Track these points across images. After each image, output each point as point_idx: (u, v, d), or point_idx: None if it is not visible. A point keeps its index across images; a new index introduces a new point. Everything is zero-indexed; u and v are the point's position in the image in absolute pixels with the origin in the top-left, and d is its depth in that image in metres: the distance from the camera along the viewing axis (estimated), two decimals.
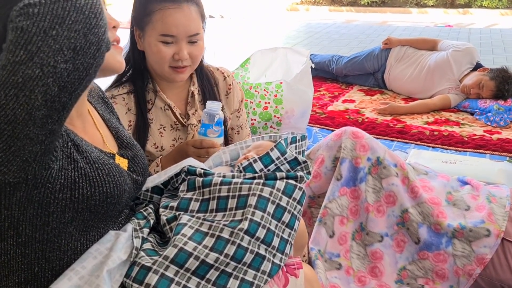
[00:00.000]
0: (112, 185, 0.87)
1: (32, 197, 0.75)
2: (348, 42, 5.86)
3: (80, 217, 0.82)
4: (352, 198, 1.61)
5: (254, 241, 0.94)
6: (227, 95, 1.56)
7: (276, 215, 1.01)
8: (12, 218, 0.76)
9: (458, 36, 6.08)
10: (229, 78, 1.56)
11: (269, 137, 1.30)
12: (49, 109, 0.67)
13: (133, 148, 1.07)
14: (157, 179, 1.14)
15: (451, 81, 3.25)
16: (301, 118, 2.38)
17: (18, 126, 0.65)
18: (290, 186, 1.05)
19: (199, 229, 0.95)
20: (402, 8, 9.14)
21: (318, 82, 3.78)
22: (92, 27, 0.68)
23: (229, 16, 8.36)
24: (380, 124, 2.90)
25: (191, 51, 1.35)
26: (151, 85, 1.45)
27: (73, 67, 0.67)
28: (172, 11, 1.31)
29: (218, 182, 1.05)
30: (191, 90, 1.47)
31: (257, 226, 0.95)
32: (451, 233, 1.50)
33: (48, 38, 0.64)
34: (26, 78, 0.64)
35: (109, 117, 1.08)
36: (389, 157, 1.63)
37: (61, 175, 0.78)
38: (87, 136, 0.94)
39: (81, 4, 0.67)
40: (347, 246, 1.57)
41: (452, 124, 2.90)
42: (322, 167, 1.66)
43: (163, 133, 1.44)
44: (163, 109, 1.44)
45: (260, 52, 2.62)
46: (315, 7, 9.71)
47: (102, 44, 0.70)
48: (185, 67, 1.37)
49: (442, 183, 1.68)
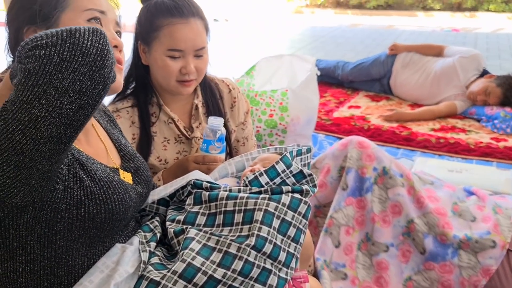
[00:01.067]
0: (118, 202, 0.88)
1: (39, 218, 0.77)
2: (354, 46, 5.86)
3: (86, 234, 0.83)
4: (358, 208, 1.61)
5: (261, 256, 0.95)
6: (232, 108, 1.56)
7: (282, 230, 1.02)
8: (20, 238, 0.77)
9: (464, 40, 6.07)
10: (234, 90, 1.56)
11: (275, 149, 1.30)
12: (55, 144, 0.69)
13: (136, 160, 1.08)
14: (163, 191, 1.15)
15: (458, 87, 3.24)
16: (307, 126, 2.38)
17: (25, 158, 0.67)
18: (295, 200, 1.05)
19: (207, 244, 0.95)
20: (408, 12, 9.12)
21: (323, 87, 3.78)
22: (98, 69, 0.69)
23: (234, 19, 8.38)
24: (386, 131, 2.90)
25: (197, 64, 1.36)
26: (155, 99, 1.45)
27: (78, 107, 0.68)
28: (180, 26, 1.31)
29: (224, 196, 1.06)
30: (195, 103, 1.48)
31: (264, 241, 0.96)
32: (457, 244, 1.50)
33: (54, 81, 0.65)
34: (33, 117, 0.65)
35: (111, 130, 1.09)
36: (395, 167, 1.63)
37: (67, 194, 0.79)
38: (91, 149, 0.95)
39: (87, 47, 0.68)
40: (352, 256, 1.58)
41: (458, 131, 2.90)
42: (328, 176, 1.66)
43: (167, 146, 1.45)
44: (166, 123, 1.45)
45: (265, 59, 2.63)
46: (320, 10, 9.71)
47: (108, 83, 0.71)
48: (192, 81, 1.37)
49: (448, 194, 1.68)
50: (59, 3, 0.88)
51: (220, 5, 9.20)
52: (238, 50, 5.68)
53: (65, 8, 0.89)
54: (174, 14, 1.32)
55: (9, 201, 0.71)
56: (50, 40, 0.66)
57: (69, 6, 0.89)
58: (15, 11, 0.91)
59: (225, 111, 1.54)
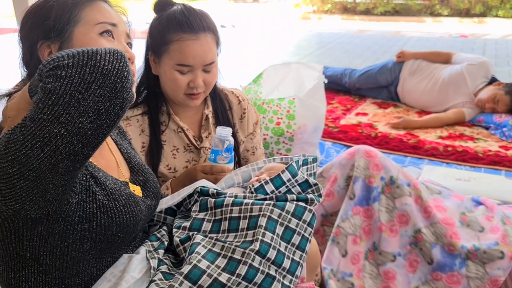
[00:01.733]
0: (129, 216, 0.89)
1: (53, 230, 0.78)
2: (361, 52, 5.85)
3: (97, 246, 0.85)
4: (365, 218, 1.61)
5: (265, 261, 0.95)
6: (242, 119, 1.57)
7: (285, 237, 1.03)
8: (33, 249, 0.79)
9: (473, 46, 6.04)
10: (244, 102, 1.57)
11: (281, 159, 1.31)
12: (72, 161, 0.70)
13: (145, 172, 1.09)
14: (171, 200, 1.16)
15: (466, 95, 3.23)
16: (314, 134, 2.39)
17: (42, 173, 0.68)
18: (300, 208, 1.06)
19: (212, 249, 0.97)
20: (416, 18, 9.11)
21: (330, 94, 3.78)
22: (117, 91, 0.70)
23: (241, 25, 8.41)
24: (393, 139, 2.90)
25: (206, 78, 1.37)
26: (165, 108, 1.46)
27: (97, 126, 0.69)
28: (190, 42, 1.32)
29: (229, 203, 1.07)
30: (205, 113, 1.49)
31: (267, 247, 0.96)
32: (465, 254, 1.49)
33: (74, 101, 0.67)
34: (52, 135, 0.67)
35: (121, 142, 1.11)
36: (403, 177, 1.63)
37: (80, 207, 0.80)
38: (103, 161, 0.97)
39: (107, 69, 0.69)
40: (360, 266, 1.57)
41: (466, 139, 2.88)
42: (335, 185, 1.66)
43: (176, 155, 1.46)
44: (176, 131, 1.46)
45: (273, 67, 2.64)
46: (328, 16, 9.72)
47: (126, 103, 0.73)
48: (199, 94, 1.38)
49: (456, 203, 1.67)
50: (71, 18, 0.90)
51: (227, 11, 9.25)
52: (245, 57, 5.70)
53: (77, 22, 0.90)
54: (185, 29, 1.32)
55: (24, 213, 0.73)
56: (71, 61, 0.67)
57: (81, 20, 0.91)
58: (28, 27, 0.92)
59: (234, 122, 1.55)
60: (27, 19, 0.93)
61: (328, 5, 9.83)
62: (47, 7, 0.91)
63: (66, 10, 0.90)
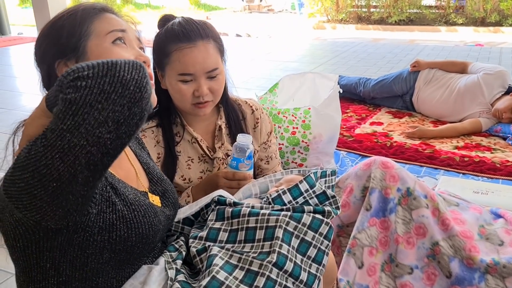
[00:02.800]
0: (148, 226, 0.90)
1: (73, 240, 0.79)
2: (376, 61, 5.84)
3: (117, 257, 0.85)
4: (381, 229, 1.59)
5: (282, 274, 0.95)
6: (255, 128, 1.58)
7: (301, 249, 1.02)
8: (53, 260, 0.80)
9: (489, 55, 5.99)
10: (257, 111, 1.58)
11: (298, 171, 1.31)
12: (92, 172, 0.71)
13: (163, 183, 1.10)
14: (188, 210, 1.17)
15: (482, 104, 3.20)
16: (329, 143, 2.38)
17: (62, 184, 0.69)
18: (316, 221, 1.06)
19: (229, 261, 0.97)
20: (431, 27, 9.06)
21: (345, 104, 3.77)
22: (136, 101, 0.71)
23: (256, 35, 8.45)
24: (408, 148, 2.87)
25: (211, 86, 1.36)
26: (178, 119, 1.47)
27: (116, 136, 0.70)
28: (187, 50, 1.32)
29: (246, 213, 1.07)
30: (218, 124, 1.49)
31: (284, 259, 0.96)
32: (484, 268, 1.47)
33: (93, 111, 0.68)
34: (72, 145, 0.68)
35: (140, 152, 1.12)
36: (419, 188, 1.61)
37: (100, 218, 0.81)
38: (123, 171, 0.98)
39: (127, 79, 0.70)
40: (376, 278, 1.56)
41: (483, 149, 2.85)
42: (351, 196, 1.66)
43: (191, 165, 1.47)
44: (190, 142, 1.47)
45: (288, 77, 2.65)
46: (342, 25, 9.72)
47: (145, 113, 0.74)
48: (207, 102, 1.38)
49: (474, 216, 1.65)
50: (82, 33, 0.92)
51: (242, 21, 9.31)
52: (260, 66, 5.72)
53: (89, 35, 0.92)
54: (182, 39, 1.33)
55: (44, 224, 0.74)
56: (91, 72, 0.69)
57: (92, 33, 0.92)
58: (43, 49, 0.94)
59: (248, 131, 1.55)
60: (41, 43, 0.95)
61: (342, 15, 9.84)
62: (57, 27, 0.93)
63: (76, 26, 0.92)
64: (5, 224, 0.81)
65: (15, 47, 7.48)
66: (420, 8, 9.39)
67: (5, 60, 6.60)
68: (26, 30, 9.14)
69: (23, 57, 6.80)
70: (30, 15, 9.89)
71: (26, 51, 7.14)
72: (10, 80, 5.23)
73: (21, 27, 9.75)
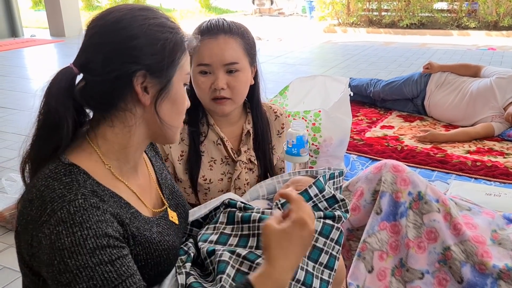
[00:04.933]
0: (167, 264, 0.95)
1: None
2: (387, 65, 5.80)
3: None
4: (392, 233, 1.58)
5: (295, 283, 0.95)
6: (279, 134, 1.55)
7: (313, 256, 1.02)
8: None
9: (502, 60, 5.92)
10: (281, 116, 1.55)
11: (306, 172, 1.30)
12: None
13: (175, 195, 1.10)
14: (197, 212, 1.17)
15: (495, 109, 3.16)
16: (339, 147, 2.37)
17: None
18: (327, 226, 1.05)
19: (240, 269, 0.96)
20: (443, 30, 8.99)
21: (355, 107, 3.75)
22: None
23: (267, 38, 8.45)
24: (420, 152, 2.85)
25: (229, 81, 1.34)
26: (205, 118, 1.45)
27: None
28: (206, 41, 1.32)
29: (256, 218, 1.06)
30: (246, 128, 1.47)
31: (296, 268, 0.95)
32: (497, 274, 1.45)
33: None
34: None
35: (154, 160, 1.11)
36: (431, 192, 1.60)
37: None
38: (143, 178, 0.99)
39: None
40: (386, 282, 1.54)
41: (496, 154, 2.82)
42: (361, 200, 1.64)
43: (213, 166, 1.45)
44: (215, 143, 1.45)
45: (299, 79, 2.64)
46: (353, 28, 9.68)
47: None
48: (225, 99, 1.35)
49: (486, 221, 1.63)
50: (175, 61, 0.89)
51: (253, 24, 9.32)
52: (271, 69, 5.72)
53: (176, 67, 0.90)
54: (204, 32, 1.34)
55: None
56: None
57: (181, 66, 0.91)
58: (111, 57, 0.84)
59: (271, 138, 1.52)
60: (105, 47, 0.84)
61: (353, 18, 9.80)
62: (132, 35, 0.84)
63: (164, 46, 0.86)
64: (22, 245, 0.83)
65: (28, 49, 7.57)
66: (432, 11, 9.31)
67: (18, 62, 6.68)
68: (38, 32, 9.25)
69: (36, 59, 6.88)
70: (43, 17, 10.00)
71: (38, 53, 7.22)
72: (23, 81, 5.29)
73: (34, 29, 9.85)
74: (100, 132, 0.88)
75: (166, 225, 0.99)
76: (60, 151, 0.84)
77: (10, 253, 1.99)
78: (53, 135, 0.84)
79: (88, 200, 0.78)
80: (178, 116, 0.94)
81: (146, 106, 0.88)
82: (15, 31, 8.78)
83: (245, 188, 1.44)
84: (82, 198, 0.78)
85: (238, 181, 1.44)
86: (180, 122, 0.95)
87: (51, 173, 0.81)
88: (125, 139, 0.89)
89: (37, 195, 0.79)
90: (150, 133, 0.92)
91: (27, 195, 0.82)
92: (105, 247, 0.77)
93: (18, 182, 2.40)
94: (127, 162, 0.92)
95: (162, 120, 0.89)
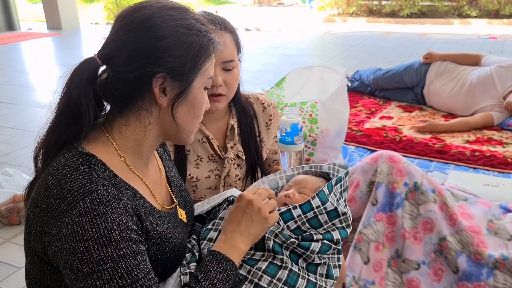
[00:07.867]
0: (175, 261, 0.94)
1: None
2: (387, 55, 5.77)
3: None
4: (388, 224, 1.57)
5: None
6: (268, 126, 1.53)
7: (311, 269, 1.02)
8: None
9: (503, 48, 5.88)
10: (269, 107, 1.53)
11: (310, 167, 1.26)
12: None
13: (183, 193, 1.10)
14: (200, 207, 1.16)
15: (494, 98, 3.14)
16: (337, 138, 2.36)
17: None
18: (325, 247, 1.04)
19: (239, 272, 0.96)
20: (443, 20, 8.92)
21: (354, 98, 3.74)
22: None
23: (265, 29, 8.40)
24: (418, 143, 2.84)
25: (226, 78, 1.34)
26: None
27: None
28: None
29: None
30: (230, 124, 1.46)
31: (296, 276, 0.96)
32: (492, 264, 1.44)
33: None
34: None
35: (164, 157, 1.11)
36: (427, 183, 1.59)
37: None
38: (155, 173, 0.99)
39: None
40: (382, 273, 1.54)
41: (495, 144, 2.80)
42: (357, 191, 1.64)
43: (199, 165, 1.44)
44: (200, 142, 1.44)
45: (296, 70, 2.62)
46: (353, 18, 9.62)
47: None
48: (220, 96, 1.35)
49: (483, 211, 1.62)
50: (198, 65, 0.88)
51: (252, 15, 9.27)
52: (269, 60, 5.70)
53: (198, 72, 0.89)
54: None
55: None
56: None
57: (203, 72, 0.90)
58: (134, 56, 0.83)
59: (260, 130, 1.51)
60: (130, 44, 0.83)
61: (353, 8, 9.73)
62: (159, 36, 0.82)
63: (188, 50, 0.85)
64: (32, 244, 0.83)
65: (25, 42, 7.55)
66: (432, 0, 9.24)
67: (15, 56, 6.66)
68: (35, 26, 9.21)
69: (33, 53, 6.85)
70: (39, 11, 9.95)
71: (35, 47, 7.20)
72: (20, 75, 5.27)
73: (30, 23, 9.82)
74: (116, 126, 0.88)
75: (176, 222, 0.99)
76: (78, 140, 0.84)
77: (6, 248, 1.99)
78: (72, 124, 0.84)
79: (110, 191, 0.78)
80: (194, 120, 0.93)
81: (162, 108, 0.87)
82: (12, 24, 8.75)
83: (236, 184, 1.43)
84: (104, 188, 0.78)
85: (228, 178, 1.43)
86: (195, 125, 0.95)
87: (68, 161, 0.81)
88: (140, 136, 0.89)
89: (54, 183, 0.79)
90: (164, 133, 0.92)
91: (42, 182, 0.82)
92: (128, 240, 0.77)
93: (14, 177, 2.40)
94: (140, 158, 0.92)
95: (177, 123, 0.89)
